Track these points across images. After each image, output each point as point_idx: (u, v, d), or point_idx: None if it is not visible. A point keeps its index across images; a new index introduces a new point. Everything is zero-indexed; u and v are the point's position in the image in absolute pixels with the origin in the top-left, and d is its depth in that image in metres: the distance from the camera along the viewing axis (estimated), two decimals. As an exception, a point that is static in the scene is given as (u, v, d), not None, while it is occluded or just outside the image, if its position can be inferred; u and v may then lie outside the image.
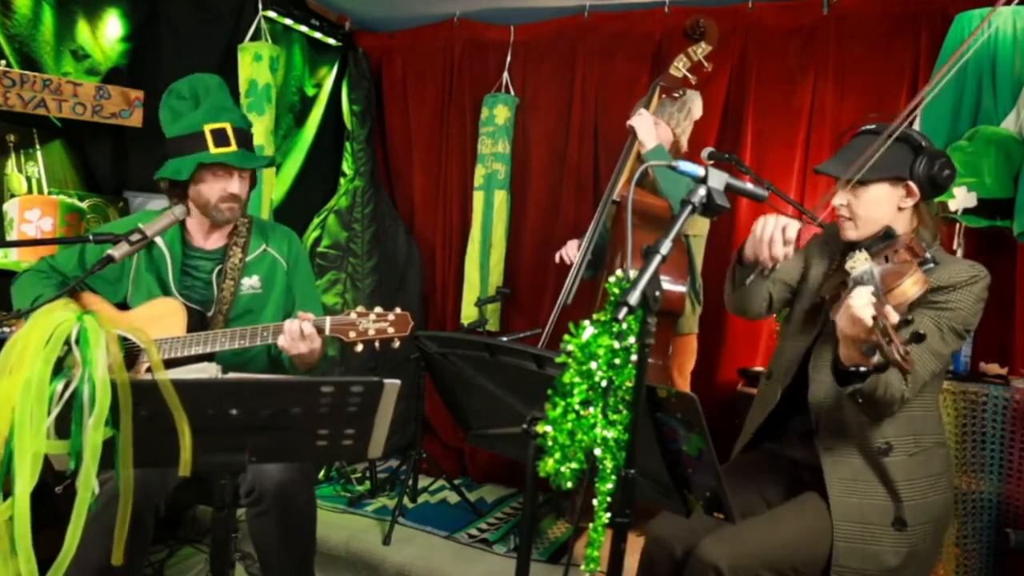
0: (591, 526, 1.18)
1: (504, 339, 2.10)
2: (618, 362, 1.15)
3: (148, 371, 1.14)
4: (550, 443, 1.17)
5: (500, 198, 3.52)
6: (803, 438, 1.71)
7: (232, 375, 1.86)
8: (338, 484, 3.30)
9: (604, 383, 1.16)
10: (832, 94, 2.95)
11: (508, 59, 3.55)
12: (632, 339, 1.15)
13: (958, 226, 2.50)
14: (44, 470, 1.06)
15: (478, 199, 3.56)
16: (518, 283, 3.60)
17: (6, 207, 2.63)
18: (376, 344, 1.86)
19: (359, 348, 1.85)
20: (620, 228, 2.61)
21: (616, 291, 1.15)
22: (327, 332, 1.85)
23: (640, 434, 1.16)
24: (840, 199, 1.69)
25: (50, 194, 2.75)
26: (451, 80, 3.74)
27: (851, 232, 1.69)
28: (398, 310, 1.87)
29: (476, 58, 3.67)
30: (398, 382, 1.25)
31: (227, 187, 2.01)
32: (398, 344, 1.87)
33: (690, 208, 1.21)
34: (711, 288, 3.03)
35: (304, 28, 3.55)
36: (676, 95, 2.60)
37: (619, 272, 1.17)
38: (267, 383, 1.37)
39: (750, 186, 1.29)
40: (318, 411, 1.24)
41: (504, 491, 3.40)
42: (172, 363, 1.86)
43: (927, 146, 1.62)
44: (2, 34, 2.62)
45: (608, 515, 1.17)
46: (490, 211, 3.52)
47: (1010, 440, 2.19)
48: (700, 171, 1.23)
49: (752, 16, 3.08)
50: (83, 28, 2.85)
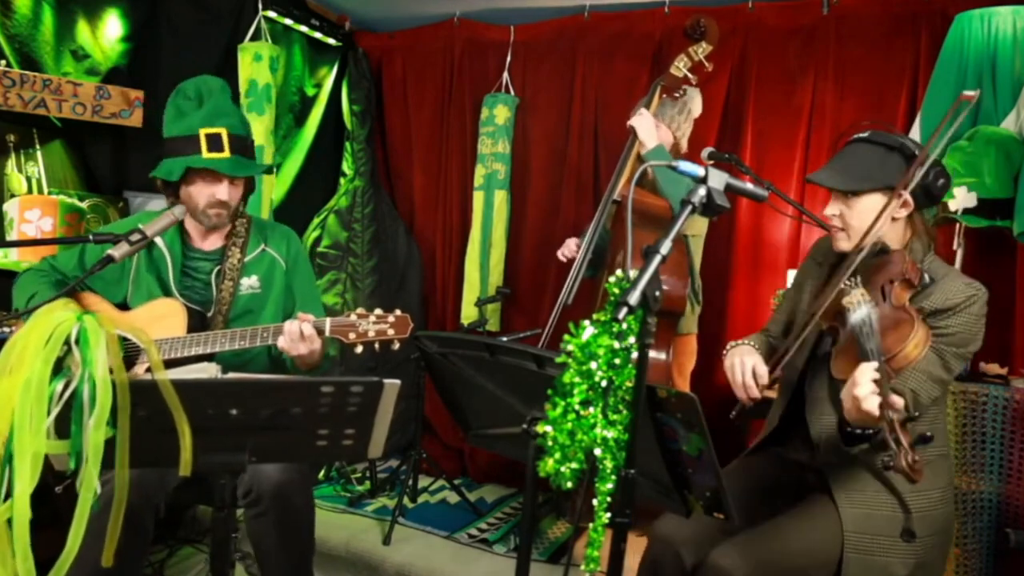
0: (591, 526, 1.18)
1: (504, 339, 2.10)
2: (618, 362, 1.15)
3: (148, 371, 1.14)
4: (550, 443, 1.17)
5: (500, 198, 3.52)
6: (807, 442, 1.70)
7: (232, 375, 1.86)
8: (338, 484, 3.30)
9: (604, 383, 1.16)
10: (832, 94, 2.95)
11: (508, 59, 3.55)
12: (632, 339, 1.15)
13: (958, 226, 2.50)
14: (44, 470, 1.05)
15: (478, 199, 3.56)
16: (518, 283, 3.60)
17: (6, 207, 2.63)
18: (376, 345, 1.86)
19: (359, 349, 1.85)
20: (621, 228, 2.61)
21: (616, 291, 1.14)
22: (327, 333, 1.85)
23: (640, 434, 1.16)
24: (833, 209, 1.68)
25: (50, 194, 2.75)
26: (451, 80, 3.74)
27: (843, 243, 1.68)
28: (398, 312, 1.88)
29: (476, 58, 3.68)
30: (398, 382, 1.25)
31: (215, 193, 1.99)
32: (398, 346, 1.87)
33: (690, 208, 1.21)
34: (710, 288, 3.04)
35: (304, 28, 3.55)
36: (677, 95, 2.60)
37: (619, 272, 1.16)
38: (267, 383, 1.38)
39: (750, 186, 1.29)
40: (318, 411, 1.24)
41: (504, 491, 3.40)
42: (172, 363, 1.86)
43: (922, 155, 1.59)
44: (2, 34, 2.62)
45: (608, 515, 1.17)
46: (490, 211, 3.52)
47: (1010, 440, 2.19)
48: (700, 171, 1.23)
49: (752, 16, 3.08)
50: (83, 28, 2.86)
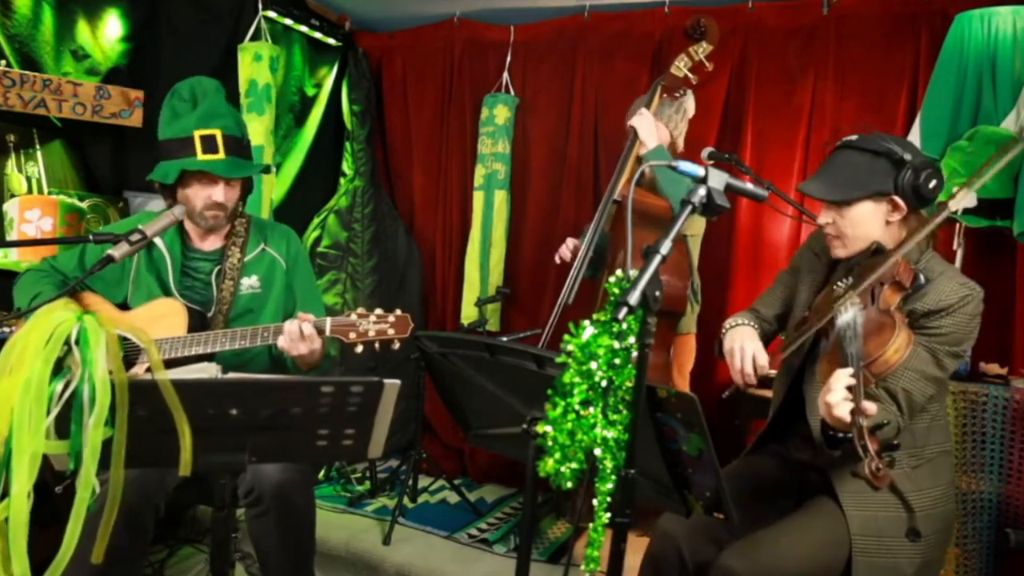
0: (591, 526, 1.18)
1: (504, 339, 2.10)
2: (618, 362, 1.15)
3: (148, 371, 1.14)
4: (550, 443, 1.17)
5: (500, 198, 3.52)
6: (809, 440, 1.70)
7: (232, 375, 1.86)
8: (338, 484, 3.30)
9: (604, 383, 1.16)
10: (832, 94, 2.95)
11: (508, 59, 3.55)
12: (632, 339, 1.15)
13: (958, 226, 2.50)
14: (44, 470, 1.05)
15: (478, 199, 3.56)
16: (518, 283, 3.60)
17: (6, 207, 2.63)
18: (376, 345, 1.86)
19: (359, 349, 1.85)
20: (621, 228, 2.61)
21: (616, 291, 1.14)
22: (327, 333, 1.85)
23: (640, 434, 1.16)
24: (826, 217, 1.68)
25: (50, 194, 2.75)
26: (451, 80, 3.74)
27: (840, 251, 1.69)
28: (398, 312, 1.88)
29: (476, 58, 3.68)
30: (398, 382, 1.25)
31: (211, 195, 1.99)
32: (398, 346, 1.87)
33: (690, 208, 1.21)
34: (710, 288, 3.03)
35: (304, 28, 3.55)
36: (677, 95, 2.60)
37: (619, 272, 1.16)
38: (267, 383, 1.38)
39: (750, 186, 1.29)
40: (318, 411, 1.24)
41: (504, 491, 3.40)
42: (172, 363, 1.86)
43: (912, 158, 1.58)
44: (2, 34, 2.62)
45: (608, 515, 1.17)
46: (490, 211, 3.52)
47: (1010, 440, 2.19)
48: (700, 171, 1.23)
49: (752, 16, 3.08)
50: (83, 28, 2.86)
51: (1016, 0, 2.41)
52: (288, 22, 3.46)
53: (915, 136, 2.52)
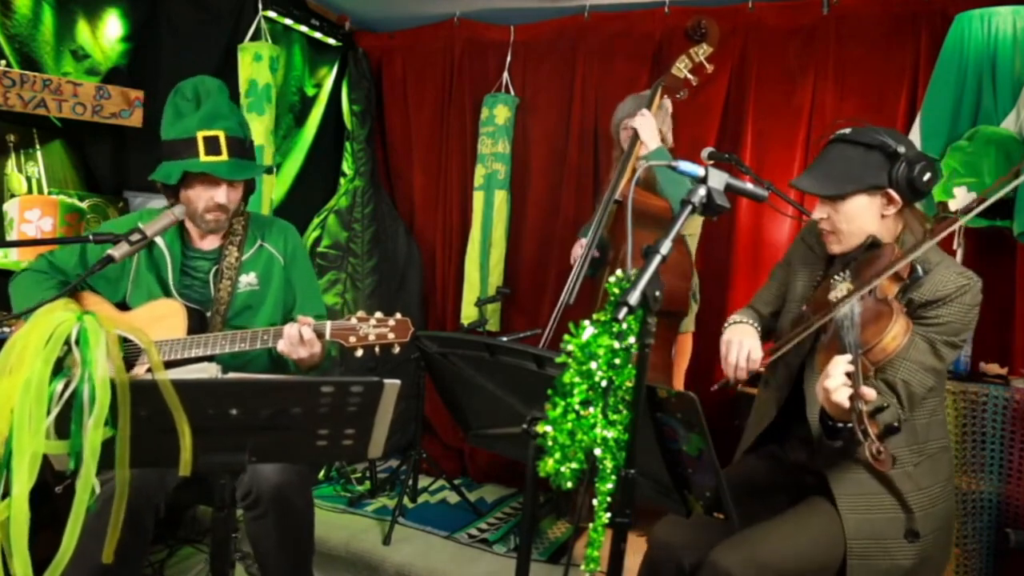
0: (591, 526, 1.18)
1: (504, 339, 2.10)
2: (618, 362, 1.15)
3: (148, 371, 1.14)
4: (550, 443, 1.17)
5: (500, 198, 3.52)
6: (806, 442, 1.69)
7: (232, 375, 1.86)
8: (338, 484, 3.30)
9: (604, 383, 1.16)
10: (832, 94, 2.95)
11: (508, 59, 3.55)
12: (632, 339, 1.15)
13: (958, 226, 2.50)
14: (44, 470, 1.06)
15: (478, 199, 3.56)
16: (518, 283, 3.60)
17: (6, 207, 2.63)
18: (376, 349, 1.86)
19: (359, 353, 1.85)
20: (621, 228, 2.61)
21: (616, 291, 1.14)
22: (327, 337, 1.85)
23: (640, 434, 1.16)
24: (820, 213, 1.67)
25: (50, 194, 2.75)
26: (451, 80, 3.74)
27: (836, 247, 1.68)
28: (398, 315, 1.87)
29: (476, 58, 3.68)
30: (398, 382, 1.25)
31: (214, 196, 1.98)
32: (398, 350, 1.87)
33: (690, 208, 1.21)
34: (710, 288, 3.04)
35: (304, 28, 3.55)
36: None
37: (619, 272, 1.16)
38: (267, 383, 1.38)
39: (750, 186, 1.29)
40: (318, 411, 1.24)
41: (504, 491, 3.39)
42: (172, 365, 1.86)
43: (905, 151, 1.57)
44: (2, 34, 2.62)
45: (608, 515, 1.17)
46: (490, 211, 3.52)
47: (1010, 440, 2.19)
48: (700, 171, 1.23)
49: (752, 16, 3.08)
50: (83, 28, 2.86)
51: (1016, 0, 2.41)
52: (288, 22, 3.46)
53: (915, 136, 2.52)
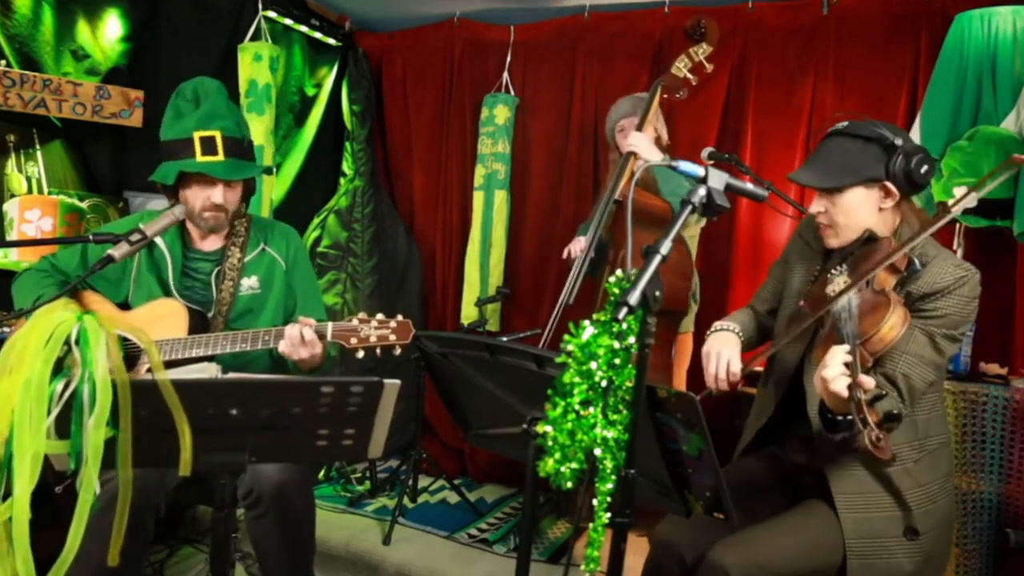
0: (591, 526, 1.18)
1: (504, 339, 2.10)
2: (618, 362, 1.15)
3: (148, 371, 1.14)
4: (550, 443, 1.17)
5: (500, 198, 3.52)
6: (806, 442, 1.69)
7: (232, 375, 1.86)
8: (338, 484, 3.30)
9: (604, 383, 1.16)
10: (832, 94, 2.96)
11: (508, 59, 3.55)
12: (632, 339, 1.15)
13: (958, 226, 2.50)
14: (44, 470, 1.05)
15: (478, 199, 3.56)
16: (518, 283, 3.61)
17: (6, 207, 2.63)
18: (377, 350, 1.86)
19: (360, 355, 1.85)
20: (621, 228, 2.61)
21: (616, 291, 1.14)
22: (328, 338, 1.85)
23: (640, 434, 1.16)
24: (817, 206, 1.66)
25: (50, 194, 2.75)
26: (451, 80, 3.74)
27: (833, 240, 1.68)
28: (400, 317, 1.87)
29: (476, 58, 3.68)
30: (398, 382, 1.25)
31: (210, 196, 1.99)
32: (399, 351, 1.87)
33: (690, 208, 1.21)
34: (710, 288, 3.04)
35: (304, 28, 3.55)
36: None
37: (619, 272, 1.16)
38: (267, 383, 1.38)
39: (750, 186, 1.29)
40: (318, 411, 1.24)
41: (504, 491, 3.40)
42: (173, 364, 1.86)
43: (902, 144, 1.56)
44: (2, 34, 2.62)
45: (608, 515, 1.17)
46: (490, 211, 3.52)
47: (1010, 440, 2.19)
48: (700, 171, 1.23)
49: (752, 16, 3.08)
50: (83, 28, 2.86)
51: (1016, 0, 2.41)
52: (288, 22, 3.46)
53: (915, 136, 2.52)
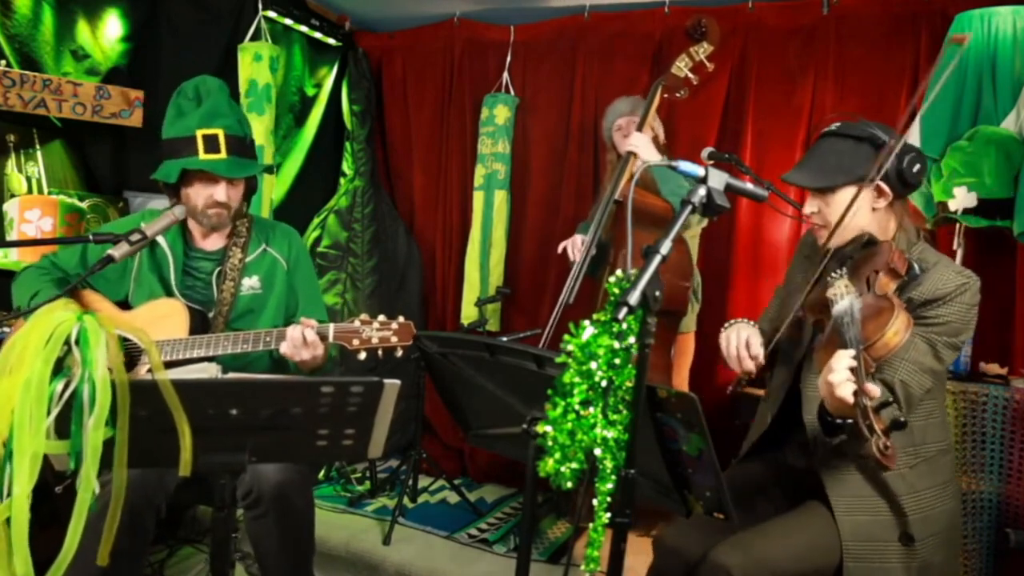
0: (591, 526, 1.18)
1: (504, 339, 2.10)
2: (618, 362, 1.15)
3: (148, 371, 1.14)
4: (550, 443, 1.17)
5: (500, 198, 3.52)
6: (804, 447, 1.68)
7: (232, 375, 1.86)
8: (338, 484, 3.30)
9: (604, 383, 1.16)
10: (832, 94, 2.96)
11: (508, 59, 3.55)
12: (632, 339, 1.15)
13: (958, 226, 2.50)
14: (44, 470, 1.05)
15: (478, 199, 3.56)
16: (518, 283, 3.61)
17: (6, 207, 2.63)
18: (379, 352, 1.86)
19: (362, 356, 1.85)
20: (622, 228, 2.61)
21: (616, 291, 1.14)
22: (330, 339, 1.85)
23: (640, 434, 1.16)
24: (811, 207, 1.67)
25: (50, 194, 2.75)
26: (451, 80, 3.74)
27: (830, 240, 1.67)
28: (401, 319, 1.87)
29: (476, 58, 3.68)
30: (398, 382, 1.25)
31: (213, 194, 1.99)
32: (401, 353, 1.87)
33: (690, 208, 1.21)
34: (710, 288, 3.04)
35: (304, 28, 3.55)
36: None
37: (619, 272, 1.16)
38: (267, 383, 1.38)
39: (750, 186, 1.29)
40: (318, 411, 1.24)
41: (504, 491, 3.39)
42: (174, 365, 1.86)
43: (894, 143, 1.56)
44: (2, 34, 2.62)
45: (608, 515, 1.16)
46: (490, 211, 3.52)
47: (1010, 440, 2.19)
48: (700, 171, 1.23)
49: (752, 16, 3.08)
50: (83, 28, 2.86)
51: (1016, 0, 2.41)
52: (288, 22, 3.46)
53: (915, 136, 2.52)
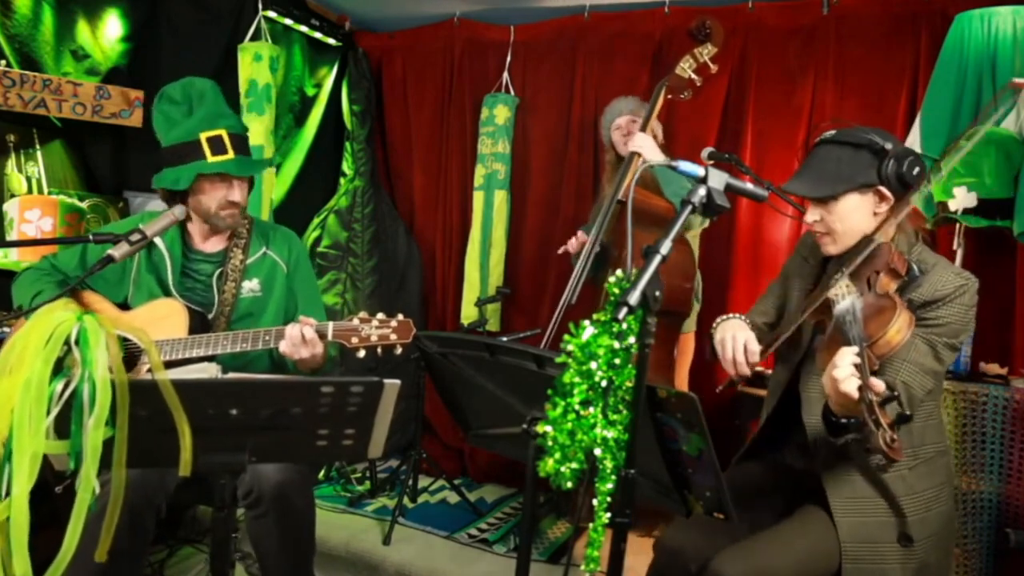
0: (591, 526, 1.18)
1: (504, 339, 2.10)
2: (618, 362, 1.15)
3: (149, 371, 1.14)
4: (550, 443, 1.17)
5: (500, 198, 3.52)
6: (803, 449, 1.69)
7: (232, 375, 1.86)
8: (338, 484, 3.30)
9: (604, 383, 1.16)
10: (832, 94, 2.96)
11: (508, 59, 3.55)
12: (632, 339, 1.15)
13: (958, 226, 2.50)
14: (44, 470, 1.05)
15: (478, 199, 3.56)
16: (518, 283, 3.61)
17: (6, 207, 2.63)
18: (378, 350, 1.86)
19: (361, 354, 1.85)
20: (625, 229, 2.60)
21: (616, 291, 1.14)
22: (329, 338, 1.85)
23: (640, 434, 1.16)
24: (813, 215, 1.67)
25: (50, 194, 2.75)
26: (451, 80, 3.75)
27: (831, 247, 1.68)
28: (400, 317, 1.87)
29: (476, 58, 3.68)
30: (398, 382, 1.25)
31: (227, 195, 1.99)
32: (400, 351, 1.87)
33: (690, 208, 1.21)
34: (710, 288, 3.04)
35: (304, 28, 3.55)
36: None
37: (619, 272, 1.16)
38: (267, 383, 1.38)
39: (750, 186, 1.29)
40: (318, 411, 1.24)
41: (504, 491, 3.40)
42: (173, 365, 1.86)
43: (892, 147, 1.57)
44: (2, 34, 2.62)
45: (608, 515, 1.17)
46: (490, 211, 3.52)
47: (1010, 440, 2.19)
48: (700, 171, 1.23)
49: (752, 16, 3.08)
50: (83, 28, 2.86)
51: (1016, 0, 2.41)
52: (288, 22, 3.46)
53: (915, 136, 2.52)
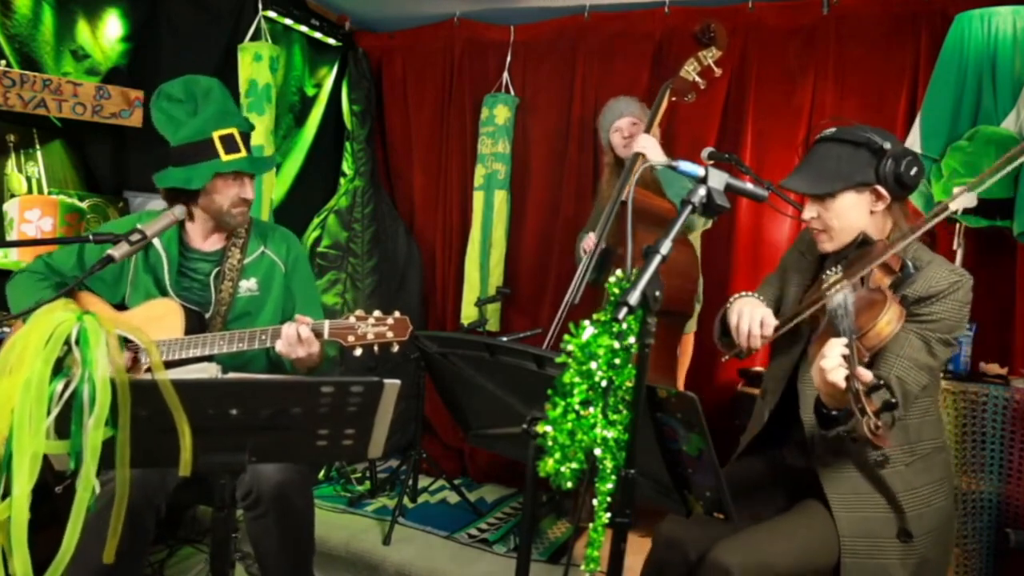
0: (591, 526, 1.18)
1: (504, 339, 2.10)
2: (618, 362, 1.15)
3: (148, 371, 1.14)
4: (550, 443, 1.17)
5: (500, 198, 3.52)
6: (802, 446, 1.69)
7: (232, 375, 1.86)
8: (338, 484, 3.30)
9: (604, 383, 1.16)
10: (832, 94, 2.96)
11: (508, 59, 3.55)
12: (632, 339, 1.15)
13: (958, 226, 2.50)
14: (44, 470, 1.05)
15: (478, 199, 3.56)
16: (518, 283, 3.61)
17: (6, 207, 2.63)
18: (375, 348, 1.86)
19: (358, 352, 1.85)
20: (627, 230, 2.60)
21: (616, 291, 1.14)
22: (325, 336, 1.84)
23: (640, 434, 1.16)
24: (810, 212, 1.68)
25: (50, 194, 2.75)
26: (451, 80, 3.75)
27: (827, 244, 1.69)
28: (397, 314, 1.86)
29: (476, 58, 3.68)
30: (398, 382, 1.25)
31: (240, 193, 1.99)
32: (397, 348, 1.87)
33: (690, 208, 1.21)
34: (710, 288, 3.03)
35: (304, 28, 3.55)
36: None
37: (619, 272, 1.16)
38: (267, 383, 1.37)
39: (750, 186, 1.29)
40: (318, 411, 1.24)
41: (504, 491, 3.40)
42: (170, 365, 1.86)
43: (891, 147, 1.58)
44: (2, 34, 2.62)
45: (608, 515, 1.17)
46: (490, 211, 3.52)
47: (1010, 440, 2.19)
48: (700, 171, 1.23)
49: (752, 16, 3.08)
50: (83, 28, 2.86)
51: (1016, 0, 2.42)
52: (288, 22, 3.46)
53: (915, 136, 2.52)
